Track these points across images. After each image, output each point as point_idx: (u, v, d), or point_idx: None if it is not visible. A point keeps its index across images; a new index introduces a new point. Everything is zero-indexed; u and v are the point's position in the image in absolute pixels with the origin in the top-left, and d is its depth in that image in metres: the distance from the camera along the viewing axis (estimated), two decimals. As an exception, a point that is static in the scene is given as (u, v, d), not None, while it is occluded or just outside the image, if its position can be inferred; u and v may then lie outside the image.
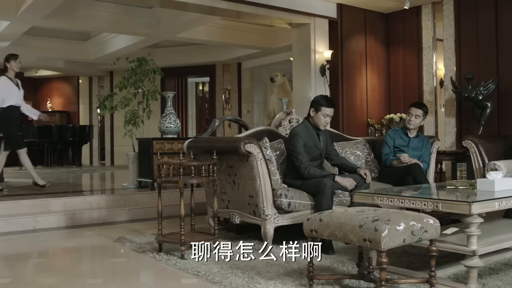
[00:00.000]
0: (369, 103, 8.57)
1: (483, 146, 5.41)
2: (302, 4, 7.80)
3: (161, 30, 10.29)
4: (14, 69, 6.80)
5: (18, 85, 6.90)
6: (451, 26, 7.83)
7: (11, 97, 6.79)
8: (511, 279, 3.42)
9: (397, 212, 3.07)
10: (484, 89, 7.05)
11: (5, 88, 6.74)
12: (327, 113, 4.65)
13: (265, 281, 3.40)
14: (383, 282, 2.80)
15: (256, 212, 4.40)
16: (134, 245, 4.70)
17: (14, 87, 6.84)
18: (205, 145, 4.88)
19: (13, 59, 6.79)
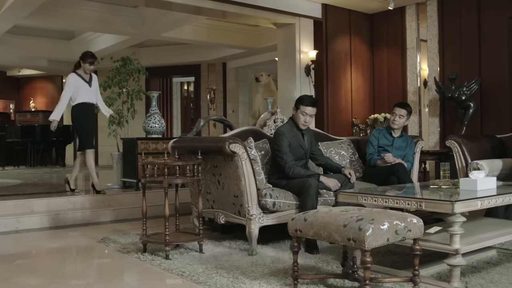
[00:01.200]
0: (354, 103, 8.62)
1: (466, 146, 5.46)
2: (287, 4, 7.82)
3: (146, 30, 10.25)
4: (86, 70, 6.60)
5: (90, 81, 6.66)
6: (435, 27, 7.90)
7: (80, 94, 6.55)
8: (493, 277, 3.45)
9: (381, 211, 3.09)
10: (467, 89, 7.13)
11: (73, 85, 6.51)
12: (305, 111, 4.63)
13: (250, 281, 3.40)
14: (367, 281, 2.81)
15: (241, 212, 4.40)
16: (119, 245, 4.67)
17: (84, 84, 6.59)
18: (189, 145, 4.87)
19: (90, 62, 6.57)
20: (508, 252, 4.10)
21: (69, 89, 6.52)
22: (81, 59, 6.58)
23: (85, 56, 6.59)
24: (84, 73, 6.60)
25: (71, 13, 9.52)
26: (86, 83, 6.61)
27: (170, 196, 4.36)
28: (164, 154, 4.33)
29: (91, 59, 6.55)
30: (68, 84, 6.55)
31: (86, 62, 6.53)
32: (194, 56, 13.22)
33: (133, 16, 10.06)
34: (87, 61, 6.53)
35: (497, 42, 7.19)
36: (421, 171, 7.24)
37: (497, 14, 7.18)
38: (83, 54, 6.63)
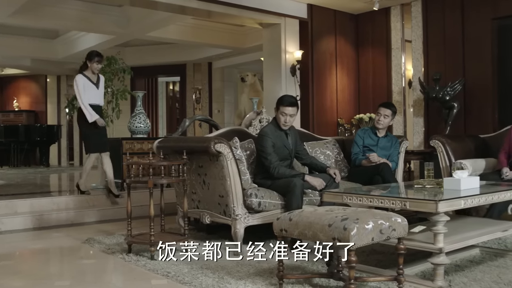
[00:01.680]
0: (339, 103, 8.65)
1: (450, 146, 5.51)
2: (273, 4, 7.83)
3: (131, 29, 10.20)
4: (93, 70, 6.35)
5: (97, 83, 6.42)
6: (419, 28, 7.96)
7: (88, 96, 6.29)
8: (476, 275, 3.48)
9: (366, 211, 3.10)
10: (451, 89, 7.19)
11: (81, 87, 6.26)
12: (285, 112, 4.63)
13: (235, 281, 3.40)
14: (352, 280, 2.83)
15: (226, 212, 4.40)
16: (103, 246, 4.64)
17: (92, 85, 6.35)
18: (175, 145, 4.86)
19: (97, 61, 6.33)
20: (491, 251, 4.14)
21: (81, 90, 6.25)
22: (87, 59, 6.37)
23: (91, 55, 6.38)
24: (92, 74, 6.38)
25: (55, 12, 9.44)
26: (94, 85, 6.39)
27: (155, 196, 4.34)
28: (149, 154, 4.31)
29: (98, 58, 6.35)
30: (76, 85, 6.30)
31: (94, 61, 6.31)
32: (179, 56, 13.18)
33: (117, 15, 10.00)
34: (94, 60, 6.32)
35: (480, 43, 7.27)
36: (405, 171, 7.30)
37: (481, 16, 7.25)
38: (88, 54, 6.41)
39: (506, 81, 7.13)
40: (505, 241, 4.47)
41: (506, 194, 3.78)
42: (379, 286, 3.24)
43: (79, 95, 6.26)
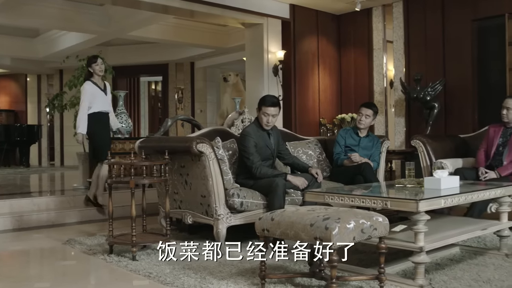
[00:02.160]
0: (321, 103, 8.68)
1: (431, 145, 5.57)
2: (255, 4, 7.83)
3: (113, 28, 10.12)
4: (97, 72, 6.03)
5: (105, 89, 6.14)
6: (401, 28, 8.03)
7: (97, 103, 6.02)
8: (456, 273, 3.52)
9: (348, 210, 3.12)
10: (432, 90, 7.26)
11: (89, 94, 5.97)
12: (267, 112, 4.64)
13: (218, 281, 3.39)
14: (333, 279, 2.84)
15: (209, 212, 4.39)
16: (84, 247, 4.60)
17: (100, 92, 6.06)
18: (156, 145, 4.84)
19: (93, 62, 6.04)
20: (471, 249, 4.19)
21: (86, 98, 5.97)
22: (88, 65, 6.12)
23: (88, 61, 6.16)
24: (98, 79, 6.11)
25: (36, 10, 9.33)
26: (102, 91, 6.10)
27: (137, 196, 4.32)
28: (131, 154, 4.28)
29: (93, 59, 6.09)
30: (84, 93, 6.01)
31: (92, 63, 6.05)
32: (161, 56, 13.13)
33: (99, 14, 9.91)
34: (92, 61, 6.06)
35: (460, 44, 7.35)
36: (387, 170, 7.35)
37: (461, 17, 7.34)
38: (87, 61, 6.21)
39: (485, 82, 7.22)
40: (485, 240, 4.52)
41: (485, 193, 3.83)
42: (360, 285, 3.26)
43: (82, 101, 6.00)
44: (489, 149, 5.18)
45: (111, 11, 9.80)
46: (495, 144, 5.13)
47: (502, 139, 5.13)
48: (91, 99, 5.98)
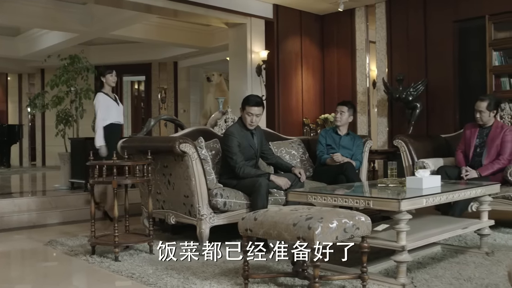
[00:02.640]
0: (305, 103, 8.71)
1: (413, 145, 5.61)
2: (239, 4, 7.82)
3: (95, 27, 10.04)
4: (110, 83, 5.99)
5: (116, 100, 6.11)
6: (383, 29, 8.08)
7: (111, 114, 5.95)
8: (437, 272, 3.56)
9: (330, 210, 3.13)
10: (414, 90, 7.32)
11: (104, 106, 5.90)
12: (251, 111, 4.64)
13: (201, 281, 3.39)
14: (316, 279, 2.85)
15: (192, 212, 4.38)
16: (66, 248, 4.57)
17: (113, 102, 6.02)
18: (139, 145, 4.81)
19: (108, 72, 5.98)
20: (452, 248, 4.24)
21: (102, 110, 5.89)
22: (101, 75, 6.05)
23: (103, 71, 6.07)
24: (110, 90, 6.07)
25: (16, 8, 9.21)
26: (114, 102, 6.07)
27: (120, 196, 4.29)
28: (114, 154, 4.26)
29: (108, 70, 6.02)
30: (98, 104, 5.92)
31: (108, 73, 5.98)
32: (144, 55, 13.06)
33: (81, 13, 9.82)
34: (106, 73, 5.99)
35: (442, 45, 7.42)
36: (370, 170, 7.39)
37: (442, 18, 7.41)
38: (100, 71, 6.12)
39: (466, 83, 7.30)
40: (465, 238, 4.58)
41: (466, 193, 3.87)
42: (343, 284, 3.28)
43: (98, 113, 5.90)
44: (467, 150, 5.22)
45: (93, 10, 9.72)
46: (473, 145, 5.17)
47: (479, 140, 5.17)
48: (105, 111, 5.88)
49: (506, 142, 4.99)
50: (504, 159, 4.97)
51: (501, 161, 4.96)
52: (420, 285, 3.27)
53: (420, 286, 3.26)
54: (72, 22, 9.84)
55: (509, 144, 4.99)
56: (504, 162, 4.96)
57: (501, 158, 4.97)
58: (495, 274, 3.49)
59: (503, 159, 4.96)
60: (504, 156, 4.97)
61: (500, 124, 5.16)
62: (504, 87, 6.81)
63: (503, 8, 6.75)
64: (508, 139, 5.00)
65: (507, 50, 6.80)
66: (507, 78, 6.81)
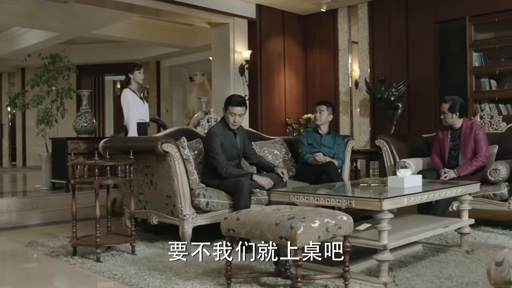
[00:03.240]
0: (287, 103, 8.72)
1: (394, 145, 5.65)
2: (222, 3, 7.81)
3: (77, 26, 9.94)
4: (137, 80, 5.78)
5: (142, 98, 5.91)
6: (366, 30, 8.13)
7: (136, 112, 5.77)
8: (418, 270, 3.59)
9: (313, 209, 3.14)
10: (396, 90, 7.38)
11: (130, 103, 5.71)
12: (234, 112, 4.64)
13: (183, 281, 3.38)
14: (299, 278, 2.86)
15: (174, 212, 4.36)
16: (47, 249, 4.52)
17: (139, 100, 5.84)
18: (121, 145, 4.78)
19: (137, 69, 5.77)
20: (433, 247, 4.28)
21: (130, 106, 5.69)
22: (129, 72, 5.84)
23: (131, 68, 5.86)
24: (137, 87, 5.85)
25: (-4, 6, 9.11)
26: (141, 100, 5.90)
27: (102, 197, 4.26)
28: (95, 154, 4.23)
29: (137, 66, 5.84)
30: (125, 101, 5.73)
31: (136, 70, 5.79)
32: (127, 55, 12.97)
33: (62, 11, 9.72)
34: (136, 68, 5.80)
35: (423, 45, 7.49)
36: (352, 170, 7.44)
37: (424, 19, 7.48)
38: (128, 68, 5.89)
39: (447, 83, 7.38)
40: (446, 237, 4.62)
41: (446, 192, 3.91)
42: (326, 283, 3.29)
43: (127, 111, 5.70)
44: (442, 153, 5.24)
45: (75, 9, 9.63)
46: (447, 148, 5.19)
47: (452, 142, 5.18)
48: (131, 109, 5.73)
49: (479, 140, 5.01)
50: (481, 157, 4.96)
51: (479, 159, 4.96)
52: (402, 284, 3.29)
53: (401, 284, 3.28)
54: (53, 21, 9.74)
55: (482, 142, 5.01)
56: (482, 159, 4.96)
57: (479, 156, 4.96)
58: (475, 272, 3.53)
59: (480, 157, 4.96)
60: (480, 154, 4.97)
61: (470, 123, 5.15)
62: (484, 88, 6.90)
63: (483, 10, 6.84)
64: (480, 137, 5.02)
65: (487, 51, 6.90)
66: (487, 78, 6.91)
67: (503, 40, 6.75)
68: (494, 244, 4.44)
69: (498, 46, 6.76)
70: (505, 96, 6.77)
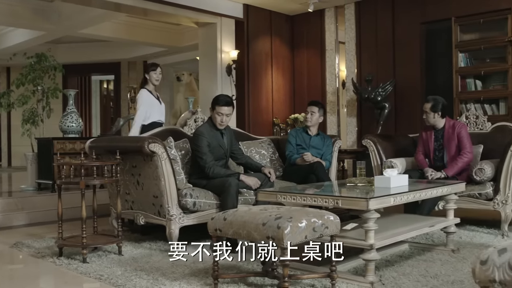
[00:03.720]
0: (275, 102, 8.73)
1: (381, 145, 5.68)
2: (209, 3, 7.80)
3: (63, 25, 9.85)
4: (152, 81, 5.64)
5: (159, 98, 5.81)
6: (353, 30, 8.16)
7: (153, 112, 5.65)
8: (405, 269, 3.61)
9: (300, 209, 3.15)
10: (382, 90, 7.42)
11: (147, 103, 5.60)
12: (221, 111, 4.63)
13: (170, 282, 3.37)
14: (286, 278, 2.86)
15: (161, 213, 4.35)
16: (33, 250, 4.48)
17: (155, 101, 5.73)
18: (107, 145, 4.75)
19: (152, 70, 5.65)
20: (419, 246, 4.31)
21: (143, 108, 5.59)
22: (145, 72, 5.80)
23: (146, 68, 5.81)
24: (153, 88, 5.77)
25: (-20, 6, 9.01)
26: (157, 100, 5.79)
27: (88, 197, 4.23)
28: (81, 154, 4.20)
29: (153, 67, 5.73)
30: (140, 101, 5.62)
31: (151, 70, 5.68)
32: (114, 54, 12.91)
33: (48, 10, 9.64)
34: (152, 68, 5.70)
35: (410, 46, 7.54)
36: (339, 170, 7.46)
37: (410, 20, 7.52)
38: (145, 66, 5.87)
39: (433, 83, 7.43)
40: (432, 236, 4.65)
41: (432, 191, 3.93)
42: (313, 283, 3.30)
43: (139, 111, 5.59)
44: (427, 153, 5.27)
45: (61, 8, 9.54)
46: (432, 149, 5.23)
47: (437, 143, 5.21)
48: (148, 109, 5.63)
49: (463, 137, 5.04)
50: (466, 153, 4.97)
51: (463, 156, 4.96)
52: (388, 283, 3.31)
53: (388, 283, 3.30)
54: (38, 20, 9.65)
55: (465, 139, 5.03)
56: (467, 155, 4.97)
57: (463, 153, 4.98)
58: (461, 270, 3.56)
59: (465, 153, 4.97)
60: (465, 150, 4.99)
61: (452, 123, 5.17)
62: (470, 88, 6.96)
63: (468, 11, 6.90)
64: (463, 134, 5.05)
65: (473, 51, 6.96)
66: (472, 79, 6.97)
67: (488, 41, 6.81)
68: (479, 243, 4.48)
69: (483, 47, 6.82)
70: (490, 97, 6.83)
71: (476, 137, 5.34)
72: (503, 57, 6.68)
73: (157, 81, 5.70)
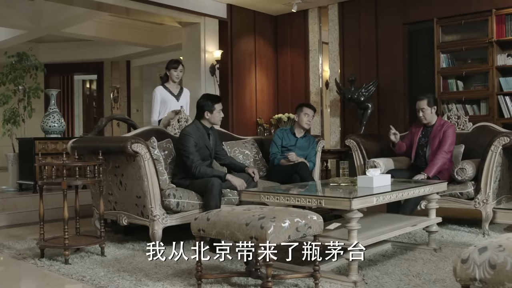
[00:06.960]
0: (258, 103, 8.73)
1: (364, 145, 5.72)
2: (192, 3, 7.78)
3: (44, 24, 9.76)
4: (172, 78, 5.72)
5: (178, 95, 5.79)
6: (336, 30, 8.20)
7: (167, 109, 5.67)
8: (387, 269, 3.63)
9: (283, 209, 3.15)
10: (366, 90, 7.46)
11: (159, 101, 5.68)
12: (220, 108, 4.78)
13: (153, 282, 3.35)
14: (269, 278, 2.86)
15: (144, 213, 4.32)
16: (14, 251, 4.44)
17: (171, 98, 5.71)
18: (90, 145, 4.71)
19: (173, 67, 5.70)
20: (402, 245, 4.34)
21: (156, 105, 5.71)
22: (166, 68, 5.82)
23: (168, 64, 5.82)
24: (174, 86, 5.79)
25: (-41, 3, 8.88)
26: (174, 97, 5.76)
27: (70, 198, 4.20)
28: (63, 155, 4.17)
29: (174, 64, 5.76)
30: (153, 99, 5.76)
31: (172, 68, 5.71)
32: (96, 53, 12.81)
33: (29, 9, 9.53)
34: (172, 66, 5.73)
35: (393, 46, 7.60)
36: (323, 170, 7.49)
37: (393, 21, 7.59)
38: (167, 63, 5.84)
39: (415, 83, 7.49)
40: (415, 236, 4.69)
41: (414, 191, 3.96)
42: (296, 283, 3.31)
43: (152, 108, 5.76)
44: (411, 145, 5.34)
45: (42, 7, 9.44)
46: (416, 142, 5.29)
47: (424, 139, 5.28)
48: (161, 106, 5.69)
49: (447, 136, 5.08)
50: (441, 152, 4.98)
51: (439, 155, 4.98)
52: (371, 282, 3.33)
53: (371, 283, 3.32)
54: (19, 19, 9.54)
55: (448, 139, 5.07)
56: (442, 155, 4.99)
57: (439, 152, 4.99)
58: (442, 269, 3.59)
59: (440, 153, 4.97)
60: (442, 149, 5.01)
61: (442, 122, 5.24)
62: (451, 89, 7.03)
63: (450, 12, 6.98)
64: (449, 133, 5.09)
65: (454, 52, 7.02)
66: (454, 79, 7.04)
67: (469, 42, 6.88)
68: (461, 242, 4.53)
69: (465, 48, 6.89)
70: (471, 97, 6.90)
71: (457, 137, 5.39)
72: (484, 58, 6.76)
73: (177, 79, 5.80)
